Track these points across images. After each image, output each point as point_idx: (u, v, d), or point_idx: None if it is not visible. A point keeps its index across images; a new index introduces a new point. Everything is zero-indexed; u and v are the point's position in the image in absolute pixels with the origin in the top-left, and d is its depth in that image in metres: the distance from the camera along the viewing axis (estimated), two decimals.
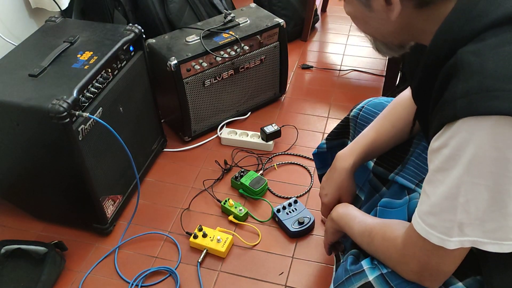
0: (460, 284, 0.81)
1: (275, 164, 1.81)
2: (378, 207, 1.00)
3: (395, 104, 1.07)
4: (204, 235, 1.49)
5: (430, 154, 0.72)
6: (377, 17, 0.75)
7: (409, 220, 0.93)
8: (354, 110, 1.18)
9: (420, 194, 0.95)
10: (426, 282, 0.80)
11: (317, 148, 1.28)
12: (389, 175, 1.03)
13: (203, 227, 1.51)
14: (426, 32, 0.74)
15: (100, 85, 1.39)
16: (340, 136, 1.21)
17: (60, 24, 1.59)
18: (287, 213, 1.56)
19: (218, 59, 1.79)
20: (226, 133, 1.91)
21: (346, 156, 1.07)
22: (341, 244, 1.21)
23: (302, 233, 1.53)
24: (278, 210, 1.57)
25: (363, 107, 1.17)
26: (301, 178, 1.75)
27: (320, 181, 1.34)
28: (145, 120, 1.69)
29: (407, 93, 1.06)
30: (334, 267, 1.25)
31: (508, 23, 0.65)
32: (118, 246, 1.52)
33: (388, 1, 0.72)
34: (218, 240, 1.48)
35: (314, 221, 1.55)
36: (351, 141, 1.16)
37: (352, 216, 0.99)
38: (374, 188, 1.09)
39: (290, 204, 1.59)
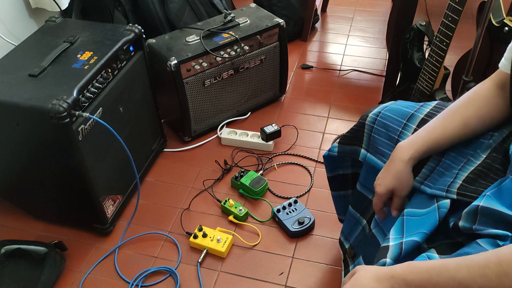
0: None
1: (275, 164, 1.81)
2: (404, 217, 0.94)
3: (469, 99, 0.99)
4: (204, 235, 1.49)
5: None
6: None
7: (439, 227, 0.86)
8: (370, 115, 1.12)
9: (450, 200, 0.88)
10: None
11: (328, 150, 1.24)
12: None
13: (203, 227, 1.52)
14: None
15: (100, 85, 1.39)
16: (352, 142, 1.16)
17: (60, 24, 1.59)
18: (287, 213, 1.56)
19: (218, 59, 1.79)
20: (226, 133, 1.91)
21: (406, 147, 1.00)
22: (352, 250, 1.20)
23: (302, 233, 1.53)
24: (278, 210, 1.57)
25: (380, 112, 1.10)
26: (301, 178, 1.75)
27: (330, 184, 1.33)
28: (145, 120, 1.69)
29: (483, 87, 0.99)
30: (343, 273, 1.24)
31: None
32: (118, 246, 1.52)
33: None
34: (218, 240, 1.48)
35: (314, 221, 1.55)
36: (364, 149, 1.12)
37: (425, 266, 0.75)
38: None
39: (290, 204, 1.59)
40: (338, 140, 1.22)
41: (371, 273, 0.77)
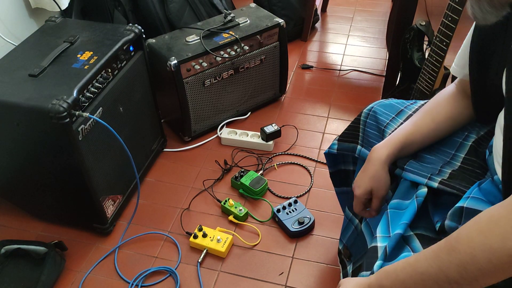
0: None
1: (275, 164, 1.81)
2: (388, 210, 0.95)
3: (437, 99, 1.06)
4: (204, 235, 1.49)
5: None
6: None
7: (417, 215, 0.90)
8: (364, 111, 1.16)
9: (429, 188, 0.93)
10: None
11: (329, 148, 1.25)
12: (395, 170, 1.01)
13: (203, 227, 1.52)
14: None
15: (100, 85, 1.39)
16: (350, 139, 1.18)
17: (60, 24, 1.59)
18: (287, 213, 1.56)
19: (218, 59, 1.79)
20: (226, 133, 1.91)
21: (382, 147, 1.02)
22: (347, 250, 1.20)
23: (302, 233, 1.53)
24: (278, 210, 1.57)
25: (372, 107, 1.15)
26: (301, 178, 1.75)
27: (332, 180, 1.34)
28: (145, 120, 1.69)
29: (450, 89, 1.05)
30: (341, 274, 1.25)
31: None
32: (118, 246, 1.52)
33: None
34: (218, 240, 1.48)
35: (314, 221, 1.55)
36: (359, 145, 1.14)
37: (393, 268, 0.78)
38: None
39: (290, 204, 1.59)
40: (337, 137, 1.23)
41: (352, 285, 0.83)
